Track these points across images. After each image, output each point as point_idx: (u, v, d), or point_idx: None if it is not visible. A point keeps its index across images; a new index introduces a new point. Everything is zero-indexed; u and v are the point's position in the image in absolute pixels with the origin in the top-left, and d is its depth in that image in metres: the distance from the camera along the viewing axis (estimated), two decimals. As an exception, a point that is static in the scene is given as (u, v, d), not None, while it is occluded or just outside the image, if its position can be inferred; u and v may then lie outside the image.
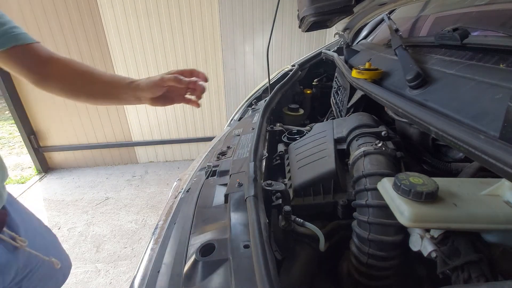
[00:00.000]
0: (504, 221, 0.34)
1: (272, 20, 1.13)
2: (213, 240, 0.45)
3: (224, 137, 0.97)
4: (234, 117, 1.33)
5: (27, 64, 0.64)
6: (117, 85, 0.67)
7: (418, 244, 0.41)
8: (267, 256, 0.37)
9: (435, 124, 0.39)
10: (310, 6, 0.75)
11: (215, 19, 2.71)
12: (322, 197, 0.58)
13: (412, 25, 0.84)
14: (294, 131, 0.90)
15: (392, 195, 0.40)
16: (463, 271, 0.35)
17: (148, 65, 2.76)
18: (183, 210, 0.58)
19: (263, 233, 0.41)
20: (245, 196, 0.50)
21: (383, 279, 0.47)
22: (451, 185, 0.40)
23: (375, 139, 0.59)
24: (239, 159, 0.71)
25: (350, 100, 0.88)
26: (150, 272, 0.44)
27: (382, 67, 0.69)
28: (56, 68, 0.66)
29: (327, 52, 1.36)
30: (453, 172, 0.53)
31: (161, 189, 2.72)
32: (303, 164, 0.64)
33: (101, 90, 0.68)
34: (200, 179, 0.69)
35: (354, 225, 0.50)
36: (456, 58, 0.50)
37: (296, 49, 3.01)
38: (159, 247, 0.50)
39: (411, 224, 0.36)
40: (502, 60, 0.42)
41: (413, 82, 0.51)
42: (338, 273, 0.53)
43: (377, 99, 0.59)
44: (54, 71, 0.66)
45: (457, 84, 0.44)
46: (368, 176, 0.51)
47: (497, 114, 0.34)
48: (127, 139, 3.09)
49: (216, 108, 3.12)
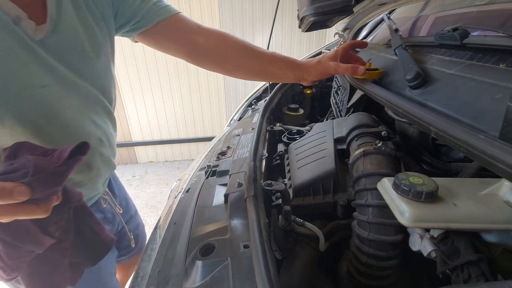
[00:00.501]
0: (504, 221, 0.34)
1: (272, 20, 1.13)
2: (213, 240, 0.45)
3: (224, 137, 0.97)
4: (234, 117, 1.33)
5: (175, 36, 0.65)
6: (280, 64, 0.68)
7: (418, 244, 0.41)
8: (267, 256, 0.37)
9: (435, 124, 0.39)
10: (310, 6, 0.75)
11: (215, 19, 2.71)
12: (322, 197, 0.58)
13: (412, 25, 0.84)
14: (294, 131, 0.90)
15: (392, 195, 0.40)
16: (463, 271, 0.35)
17: (147, 62, 2.76)
18: (183, 210, 0.58)
19: (263, 233, 0.41)
20: (245, 196, 0.50)
21: (383, 279, 0.47)
22: (451, 185, 0.40)
23: (375, 139, 0.59)
24: (239, 159, 0.71)
25: (350, 100, 0.88)
26: (150, 272, 0.44)
27: (382, 67, 0.69)
28: (206, 38, 0.66)
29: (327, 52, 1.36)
30: (453, 172, 0.53)
31: (161, 189, 2.72)
32: (303, 164, 0.64)
33: (262, 67, 0.68)
34: (200, 179, 0.69)
35: (354, 225, 0.50)
36: (456, 58, 0.50)
37: (296, 49, 3.01)
38: (159, 247, 0.50)
39: (411, 224, 0.36)
40: (502, 60, 0.42)
41: (413, 82, 0.51)
42: (338, 273, 0.53)
43: (377, 99, 0.59)
44: (205, 41, 0.66)
45: (457, 84, 0.44)
46: (368, 176, 0.51)
47: (497, 114, 0.34)
48: (127, 139, 3.09)
49: (216, 108, 3.12)
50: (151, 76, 2.82)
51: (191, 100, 3.03)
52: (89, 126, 0.57)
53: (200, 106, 3.08)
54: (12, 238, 0.39)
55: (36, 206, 0.35)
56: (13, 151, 0.39)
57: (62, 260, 0.47)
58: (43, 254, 0.43)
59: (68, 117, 0.52)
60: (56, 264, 0.46)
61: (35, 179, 0.33)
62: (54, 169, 0.35)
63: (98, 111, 0.59)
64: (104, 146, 0.62)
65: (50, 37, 0.46)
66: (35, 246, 0.41)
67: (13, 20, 0.42)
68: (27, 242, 0.40)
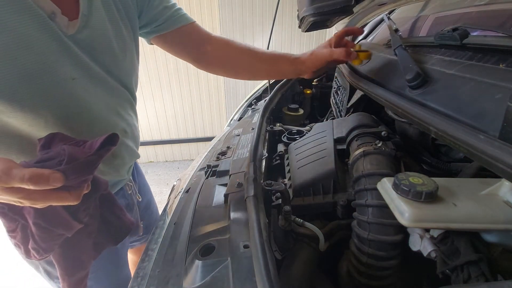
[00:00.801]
0: (504, 221, 0.34)
1: (272, 20, 1.13)
2: (213, 240, 0.45)
3: (224, 137, 0.97)
4: (234, 117, 1.33)
5: (189, 43, 0.72)
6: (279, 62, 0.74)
7: (417, 244, 0.41)
8: (267, 256, 0.37)
9: (435, 124, 0.39)
10: (310, 6, 0.75)
11: (215, 19, 2.71)
12: (322, 197, 0.58)
13: (412, 25, 0.84)
14: (294, 131, 0.90)
15: (392, 195, 0.40)
16: (463, 271, 0.35)
17: (147, 62, 2.76)
18: (183, 210, 0.58)
19: (263, 233, 0.41)
20: (245, 196, 0.50)
21: (383, 279, 0.47)
22: (450, 185, 0.40)
23: (375, 139, 0.59)
24: (239, 159, 0.71)
25: (349, 100, 0.88)
26: (150, 272, 0.44)
27: (382, 67, 0.69)
28: (216, 46, 0.73)
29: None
30: (453, 172, 0.53)
31: (161, 189, 2.72)
32: (303, 164, 0.64)
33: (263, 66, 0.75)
34: (200, 179, 0.69)
35: (354, 225, 0.50)
36: (455, 58, 0.50)
37: (296, 49, 3.01)
38: (159, 247, 0.50)
39: (411, 224, 0.36)
40: (502, 60, 0.42)
41: (413, 82, 0.50)
42: (338, 273, 0.53)
43: (377, 99, 0.59)
44: (214, 49, 0.73)
45: (456, 84, 0.44)
46: (367, 176, 0.51)
47: (497, 114, 0.34)
48: (127, 139, 3.08)
49: (216, 108, 3.12)
50: (151, 76, 2.82)
51: (191, 100, 3.03)
52: (115, 118, 0.60)
53: (200, 106, 3.08)
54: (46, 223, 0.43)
55: (69, 193, 0.37)
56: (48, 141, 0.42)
57: (87, 242, 0.52)
58: (71, 237, 0.47)
59: (95, 109, 0.54)
60: (83, 246, 0.52)
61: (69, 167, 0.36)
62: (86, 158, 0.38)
63: (123, 104, 0.62)
64: (128, 137, 0.66)
65: (80, 32, 0.49)
66: (66, 230, 0.45)
67: (49, 15, 0.44)
68: (59, 226, 0.44)
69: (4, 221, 0.46)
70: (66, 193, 0.37)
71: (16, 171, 0.33)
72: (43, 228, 0.43)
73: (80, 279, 0.53)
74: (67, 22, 0.47)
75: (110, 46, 0.55)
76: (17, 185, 0.33)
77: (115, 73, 0.58)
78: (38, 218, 0.43)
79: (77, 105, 0.51)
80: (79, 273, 0.53)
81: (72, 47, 0.48)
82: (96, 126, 0.56)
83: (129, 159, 0.69)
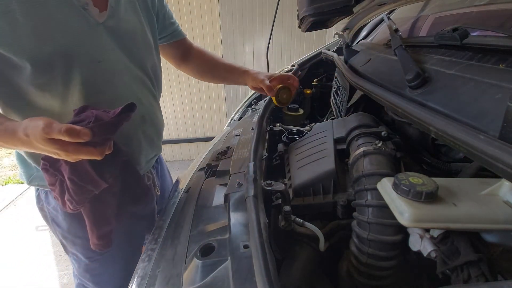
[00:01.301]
0: (504, 221, 0.34)
1: (272, 20, 1.13)
2: (213, 240, 0.46)
3: (224, 137, 0.97)
4: (234, 117, 1.33)
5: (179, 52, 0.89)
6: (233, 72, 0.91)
7: (417, 244, 0.41)
8: (267, 256, 0.37)
9: (434, 124, 0.39)
10: (310, 6, 0.75)
11: (215, 19, 2.71)
12: (322, 197, 0.58)
13: (412, 25, 0.84)
14: (294, 131, 0.90)
15: (392, 195, 0.40)
16: (463, 271, 0.35)
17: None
18: (183, 210, 0.58)
19: (263, 233, 0.41)
20: (245, 196, 0.50)
21: (383, 279, 0.47)
22: (450, 185, 0.40)
23: (375, 139, 0.59)
24: (239, 159, 0.71)
25: (350, 100, 0.88)
26: (150, 272, 0.44)
27: (381, 67, 0.69)
28: (195, 55, 0.92)
29: (327, 52, 1.36)
30: (453, 172, 0.53)
31: (161, 189, 2.71)
32: (303, 164, 0.64)
33: (221, 73, 0.93)
34: (200, 179, 0.69)
35: (354, 225, 0.50)
36: (455, 58, 0.50)
37: (296, 49, 3.01)
38: (159, 247, 0.50)
39: (411, 224, 0.36)
40: (501, 60, 0.42)
41: (413, 82, 0.50)
42: (338, 273, 0.53)
43: (377, 99, 0.59)
44: (193, 57, 0.92)
45: (456, 84, 0.44)
46: (367, 176, 0.51)
47: (497, 114, 0.34)
48: (127, 139, 3.08)
49: (216, 108, 3.12)
50: (151, 76, 2.81)
51: (191, 100, 3.03)
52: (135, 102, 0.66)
53: (200, 106, 3.08)
54: (78, 179, 0.53)
55: (94, 148, 0.45)
56: (81, 110, 0.53)
57: (112, 200, 0.62)
58: (98, 195, 0.57)
59: (117, 91, 0.63)
60: (108, 203, 0.61)
61: (95, 125, 0.44)
62: (110, 120, 0.47)
63: (144, 92, 0.70)
64: (147, 124, 0.72)
65: (108, 21, 0.59)
66: (94, 186, 0.55)
67: (82, 6, 0.54)
68: (88, 183, 0.54)
69: (46, 175, 0.55)
70: (92, 148, 0.45)
71: (55, 125, 0.42)
72: (76, 183, 0.53)
73: (106, 233, 0.62)
74: (97, 12, 0.57)
75: (134, 36, 0.64)
76: (56, 137, 0.41)
77: (137, 61, 0.66)
78: (72, 174, 0.52)
79: (103, 84, 0.60)
80: (106, 227, 0.62)
81: (102, 32, 0.57)
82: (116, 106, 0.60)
83: (149, 150, 0.75)
